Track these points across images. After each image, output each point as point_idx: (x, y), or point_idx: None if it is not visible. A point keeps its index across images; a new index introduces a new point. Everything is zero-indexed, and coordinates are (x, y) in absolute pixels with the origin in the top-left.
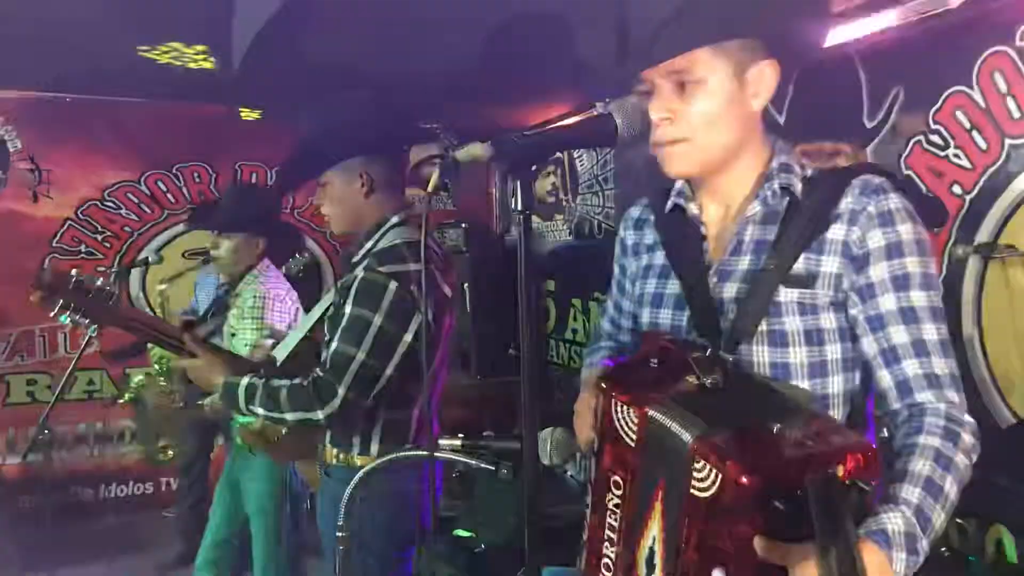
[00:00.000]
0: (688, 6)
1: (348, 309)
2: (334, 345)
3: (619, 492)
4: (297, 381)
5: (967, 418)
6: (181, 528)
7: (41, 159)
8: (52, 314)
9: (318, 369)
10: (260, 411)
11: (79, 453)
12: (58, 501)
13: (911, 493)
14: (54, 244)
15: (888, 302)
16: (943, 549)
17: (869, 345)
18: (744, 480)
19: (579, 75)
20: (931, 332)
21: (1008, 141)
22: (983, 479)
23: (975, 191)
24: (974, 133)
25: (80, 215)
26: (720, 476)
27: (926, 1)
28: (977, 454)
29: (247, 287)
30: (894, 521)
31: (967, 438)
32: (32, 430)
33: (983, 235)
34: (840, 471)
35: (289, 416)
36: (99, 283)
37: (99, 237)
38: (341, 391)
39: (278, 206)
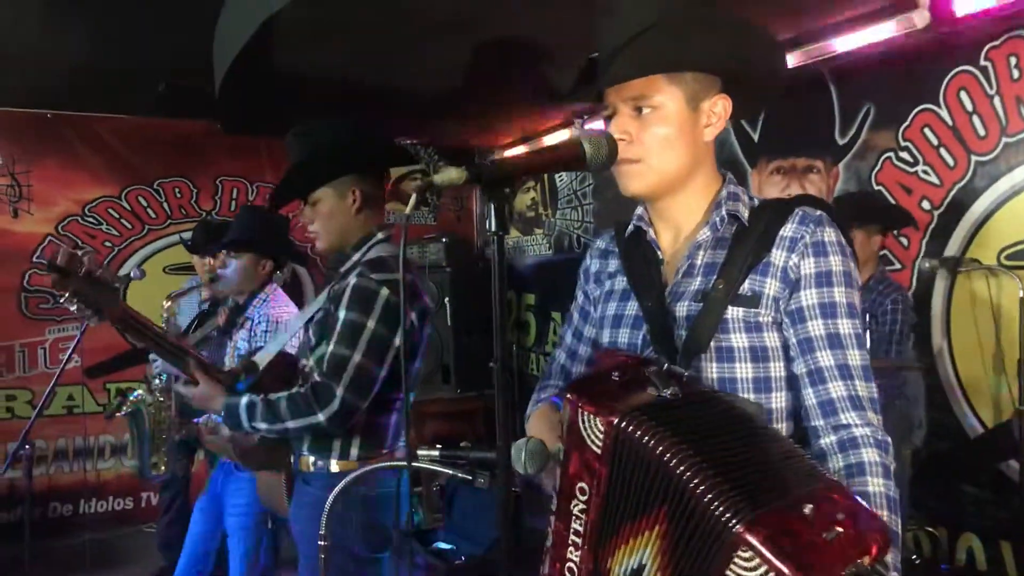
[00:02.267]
0: (644, 34)
1: (342, 314)
2: (330, 348)
3: (584, 499)
4: (294, 390)
5: (888, 439)
6: (162, 543)
7: (21, 174)
8: (62, 300)
9: (315, 374)
10: (263, 426)
11: (59, 468)
12: (38, 516)
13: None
14: (34, 260)
15: (816, 327)
16: (915, 558)
17: (798, 366)
18: None
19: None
20: (855, 358)
21: (975, 158)
22: (954, 488)
23: (943, 207)
24: (942, 150)
25: (61, 230)
26: (771, 574)
27: (895, 22)
28: None
29: (258, 311)
30: None
31: (893, 465)
32: (11, 445)
33: (952, 249)
34: (867, 560)
35: (291, 424)
36: (100, 272)
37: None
38: (339, 392)
39: (287, 227)
